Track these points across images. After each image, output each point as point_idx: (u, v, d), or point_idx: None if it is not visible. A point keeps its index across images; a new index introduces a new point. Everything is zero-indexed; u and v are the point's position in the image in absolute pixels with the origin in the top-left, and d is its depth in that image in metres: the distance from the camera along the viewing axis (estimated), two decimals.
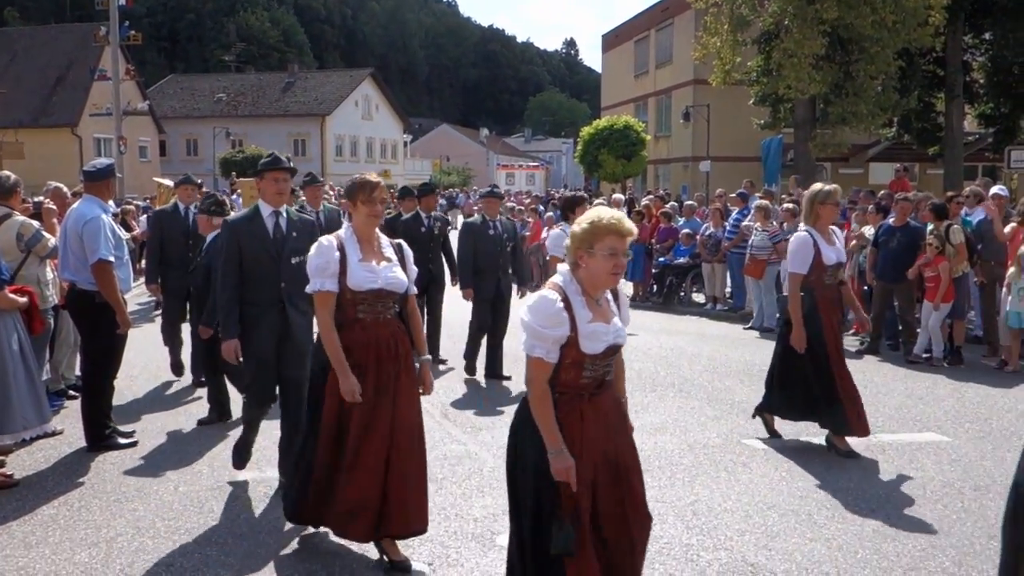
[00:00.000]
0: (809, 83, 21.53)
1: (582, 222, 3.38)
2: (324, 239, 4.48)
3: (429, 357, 4.95)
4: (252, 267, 5.22)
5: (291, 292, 5.25)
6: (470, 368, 9.20)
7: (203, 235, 7.68)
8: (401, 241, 5.16)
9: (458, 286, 9.31)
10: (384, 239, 4.66)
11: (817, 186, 6.59)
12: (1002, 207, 10.36)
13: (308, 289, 4.44)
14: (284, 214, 5.35)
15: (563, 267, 3.47)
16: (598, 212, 3.39)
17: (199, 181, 9.37)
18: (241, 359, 5.30)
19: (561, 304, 3.28)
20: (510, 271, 9.25)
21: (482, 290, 9.00)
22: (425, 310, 9.21)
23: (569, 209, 8.05)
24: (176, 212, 8.81)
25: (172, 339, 8.76)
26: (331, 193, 21.17)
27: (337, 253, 4.37)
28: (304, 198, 10.16)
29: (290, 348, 5.32)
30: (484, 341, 9.17)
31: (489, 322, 9.04)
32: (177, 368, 8.72)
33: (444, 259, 9.74)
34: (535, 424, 3.33)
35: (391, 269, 4.47)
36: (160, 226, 8.84)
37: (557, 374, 3.32)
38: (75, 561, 4.59)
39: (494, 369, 9.11)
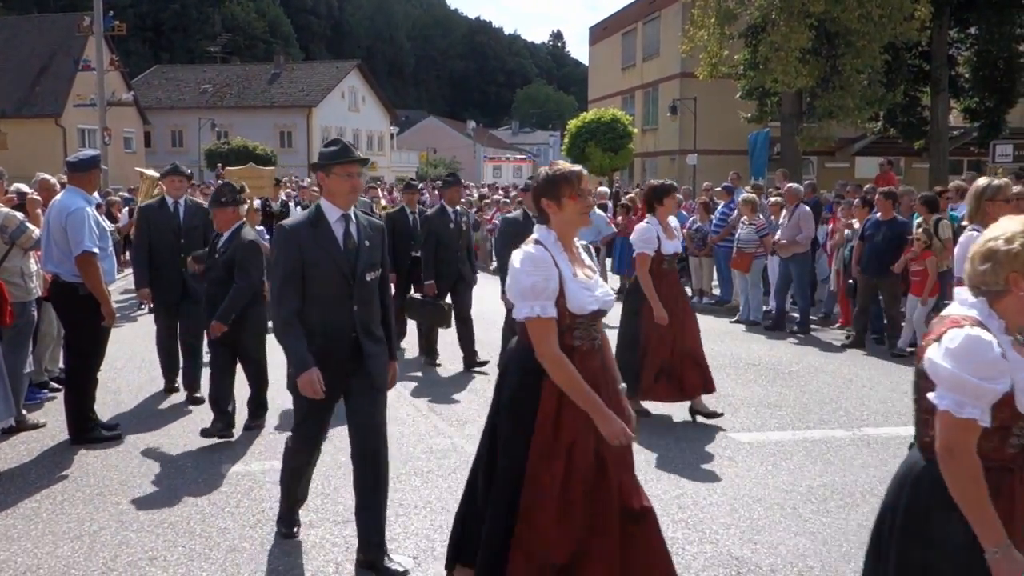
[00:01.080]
0: (796, 77, 21.57)
1: (1017, 238, 2.55)
2: (530, 248, 3.41)
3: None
4: (319, 287, 4.19)
5: (365, 318, 4.29)
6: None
7: (221, 231, 6.68)
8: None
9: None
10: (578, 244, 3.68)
11: (983, 181, 6.17)
12: None
13: (521, 315, 3.35)
14: (354, 219, 4.29)
15: (966, 294, 2.65)
16: None
17: (188, 171, 8.41)
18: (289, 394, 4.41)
19: (999, 349, 2.47)
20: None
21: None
22: (453, 312, 9.06)
23: (657, 199, 7.07)
24: (164, 207, 7.82)
25: (169, 353, 7.93)
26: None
27: (556, 268, 3.37)
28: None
29: (364, 387, 4.31)
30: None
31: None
32: (172, 384, 8.00)
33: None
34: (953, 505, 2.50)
35: (599, 281, 3.55)
36: (146, 223, 7.79)
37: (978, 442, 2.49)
38: (57, 555, 4.56)
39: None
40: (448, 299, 9.15)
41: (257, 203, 12.55)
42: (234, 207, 6.62)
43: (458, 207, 9.30)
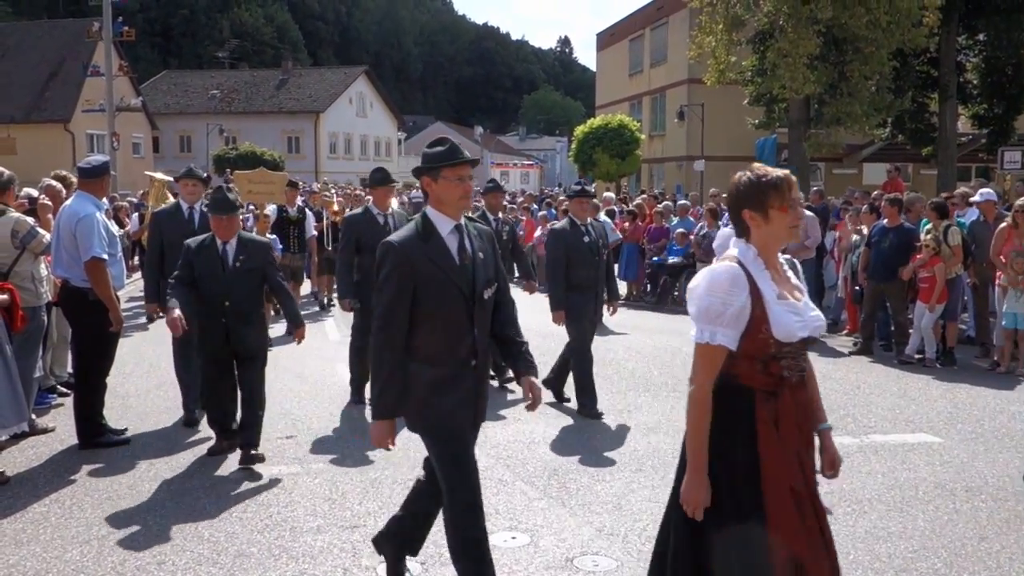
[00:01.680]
0: (803, 83, 21.55)
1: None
2: (723, 266, 2.98)
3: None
4: (433, 310, 3.68)
5: (483, 343, 3.83)
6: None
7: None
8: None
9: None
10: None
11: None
12: (991, 211, 10.40)
13: (693, 337, 2.99)
14: (466, 228, 3.82)
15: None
16: None
17: (204, 174, 7.80)
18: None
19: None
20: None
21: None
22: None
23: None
24: (178, 213, 7.26)
25: (186, 372, 7.13)
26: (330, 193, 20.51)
27: (746, 292, 2.91)
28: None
29: (477, 422, 3.97)
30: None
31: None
32: (192, 415, 7.17)
33: (517, 266, 8.77)
34: None
35: (808, 304, 3.09)
36: (159, 231, 7.20)
37: None
38: (66, 559, 4.57)
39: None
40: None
41: (271, 209, 11.99)
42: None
43: (500, 214, 8.64)
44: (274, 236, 10.87)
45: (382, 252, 3.69)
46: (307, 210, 12.89)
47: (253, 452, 6.06)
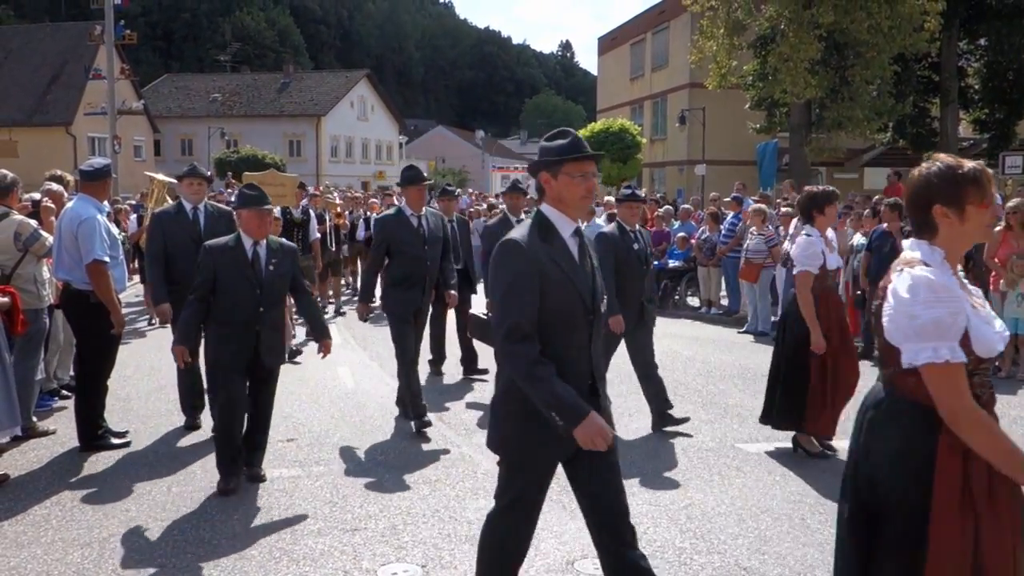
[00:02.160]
0: (805, 87, 21.57)
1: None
2: (923, 272, 2.57)
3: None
4: (553, 321, 3.20)
5: (599, 358, 3.40)
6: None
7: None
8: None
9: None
10: None
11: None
12: (995, 215, 10.37)
13: (920, 359, 2.53)
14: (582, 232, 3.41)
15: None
16: None
17: (207, 172, 7.46)
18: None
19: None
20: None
21: None
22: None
23: (816, 208, 6.27)
24: (181, 214, 6.92)
25: (190, 383, 6.98)
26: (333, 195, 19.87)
27: (962, 298, 2.58)
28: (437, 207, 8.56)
29: (597, 458, 3.31)
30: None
31: None
32: (194, 420, 7.09)
33: None
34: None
35: (992, 312, 2.75)
36: (162, 232, 6.85)
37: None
38: (67, 561, 4.57)
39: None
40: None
41: (277, 212, 11.94)
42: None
43: (522, 216, 8.34)
44: (282, 239, 10.85)
45: (502, 252, 3.20)
46: (311, 212, 12.73)
47: (259, 472, 5.84)
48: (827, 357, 6.19)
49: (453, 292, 7.59)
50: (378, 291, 7.55)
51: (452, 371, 9.44)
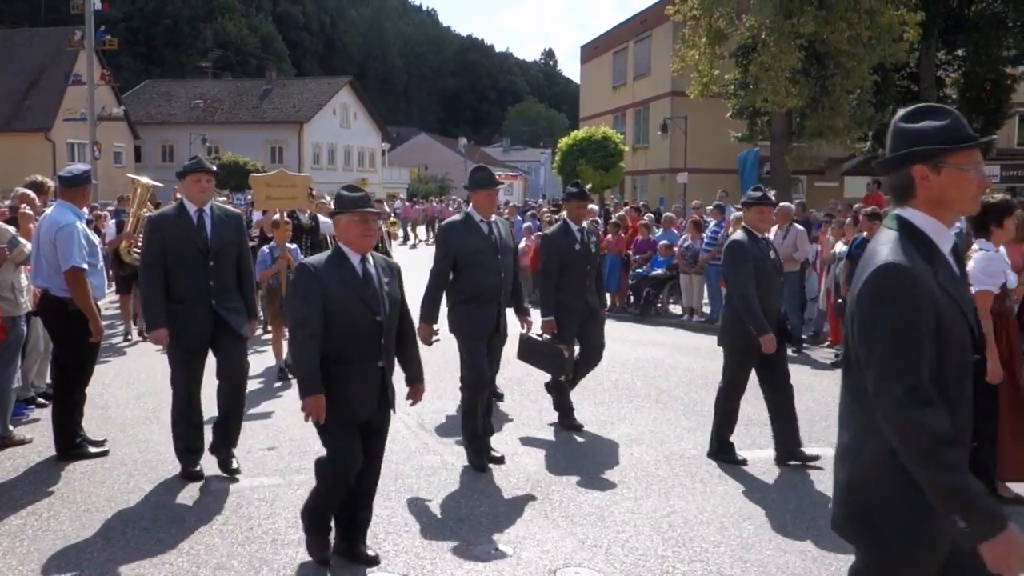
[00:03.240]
0: (786, 97, 21.74)
1: None
2: None
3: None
4: (953, 372, 2.60)
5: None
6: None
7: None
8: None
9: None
10: None
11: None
12: None
13: None
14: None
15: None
16: None
17: (214, 167, 6.22)
18: None
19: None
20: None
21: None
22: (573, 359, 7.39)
23: (995, 221, 5.61)
24: (184, 217, 5.85)
25: (189, 420, 5.95)
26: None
27: None
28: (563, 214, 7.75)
29: None
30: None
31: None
32: (194, 468, 5.99)
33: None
34: None
35: None
36: (160, 238, 5.81)
37: None
38: (43, 572, 4.51)
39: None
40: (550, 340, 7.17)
41: (284, 215, 10.23)
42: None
43: (584, 224, 7.50)
44: (295, 246, 9.86)
45: (883, 280, 2.43)
46: (319, 217, 11.24)
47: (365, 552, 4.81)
48: (1012, 387, 5.52)
49: (530, 318, 6.85)
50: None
51: (434, 380, 9.39)
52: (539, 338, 7.05)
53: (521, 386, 9.07)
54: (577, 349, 7.51)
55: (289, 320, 4.87)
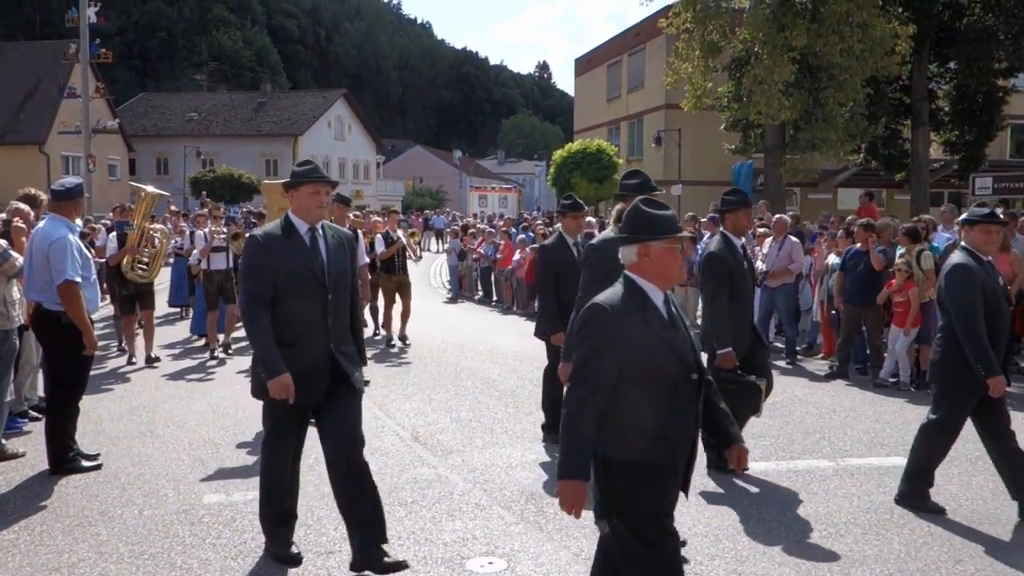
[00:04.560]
0: (779, 109, 21.80)
1: None
2: None
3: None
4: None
5: None
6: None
7: None
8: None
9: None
10: None
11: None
12: None
13: None
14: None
15: None
16: None
17: (337, 180, 5.44)
18: None
19: None
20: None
21: None
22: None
23: None
24: (295, 237, 4.57)
25: (282, 503, 4.85)
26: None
27: None
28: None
29: None
30: None
31: None
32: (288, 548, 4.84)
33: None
34: None
35: None
36: (270, 266, 4.49)
37: None
38: None
39: None
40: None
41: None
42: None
43: (579, 238, 7.47)
44: None
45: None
46: (358, 232, 10.06)
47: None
48: None
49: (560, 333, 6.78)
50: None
51: (428, 392, 9.38)
52: (733, 374, 6.11)
53: (515, 398, 9.07)
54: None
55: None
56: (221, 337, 11.71)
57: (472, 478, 6.38)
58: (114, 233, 11.54)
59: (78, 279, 6.18)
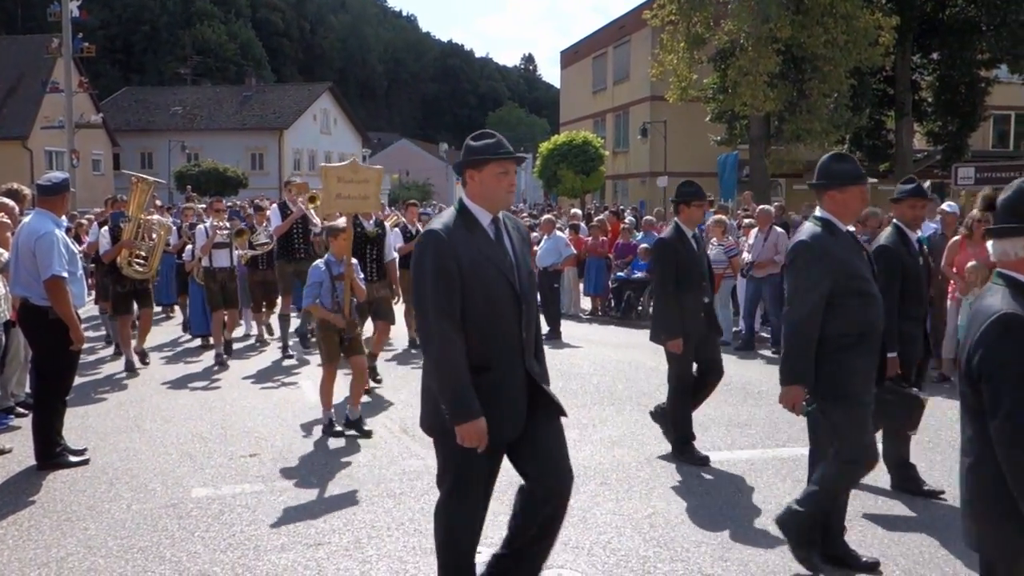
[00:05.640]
0: (764, 100, 21.90)
1: None
2: None
3: None
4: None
5: None
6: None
7: None
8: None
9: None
10: None
11: None
12: (952, 224, 10.60)
13: None
14: None
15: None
16: None
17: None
18: None
19: None
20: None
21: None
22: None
23: None
24: (478, 232, 3.62)
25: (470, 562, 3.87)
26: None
27: None
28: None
29: None
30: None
31: None
32: None
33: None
34: None
35: None
36: (456, 267, 3.49)
37: None
38: None
39: None
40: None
41: (341, 222, 7.91)
42: None
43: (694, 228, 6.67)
44: (355, 261, 7.70)
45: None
46: (386, 224, 9.62)
47: None
48: None
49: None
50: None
51: (415, 382, 9.40)
52: (895, 384, 5.29)
53: None
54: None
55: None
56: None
57: None
58: (107, 227, 10.49)
59: (65, 274, 6.17)
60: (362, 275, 7.87)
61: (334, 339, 7.22)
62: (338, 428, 7.24)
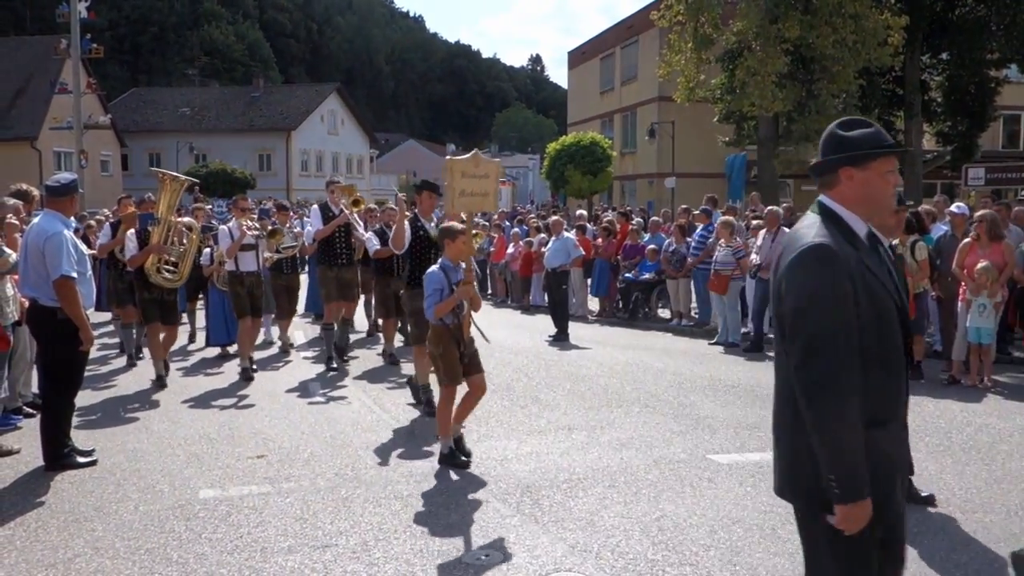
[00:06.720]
0: (772, 101, 21.84)
1: None
2: None
3: None
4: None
5: None
6: None
7: None
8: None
9: None
10: None
11: None
12: (961, 226, 10.55)
13: None
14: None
15: None
16: None
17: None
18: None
19: None
20: None
21: None
22: None
23: None
24: (872, 249, 2.83)
25: None
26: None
27: None
28: None
29: None
30: None
31: None
32: None
33: None
34: None
35: None
36: (851, 291, 2.66)
37: None
38: None
39: None
40: None
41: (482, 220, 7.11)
42: None
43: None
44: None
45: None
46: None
47: None
48: None
49: None
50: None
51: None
52: None
53: (510, 392, 9.08)
54: None
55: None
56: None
57: (467, 471, 6.39)
58: (132, 231, 9.67)
59: (74, 275, 6.18)
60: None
61: (455, 356, 6.44)
62: (463, 459, 6.46)
